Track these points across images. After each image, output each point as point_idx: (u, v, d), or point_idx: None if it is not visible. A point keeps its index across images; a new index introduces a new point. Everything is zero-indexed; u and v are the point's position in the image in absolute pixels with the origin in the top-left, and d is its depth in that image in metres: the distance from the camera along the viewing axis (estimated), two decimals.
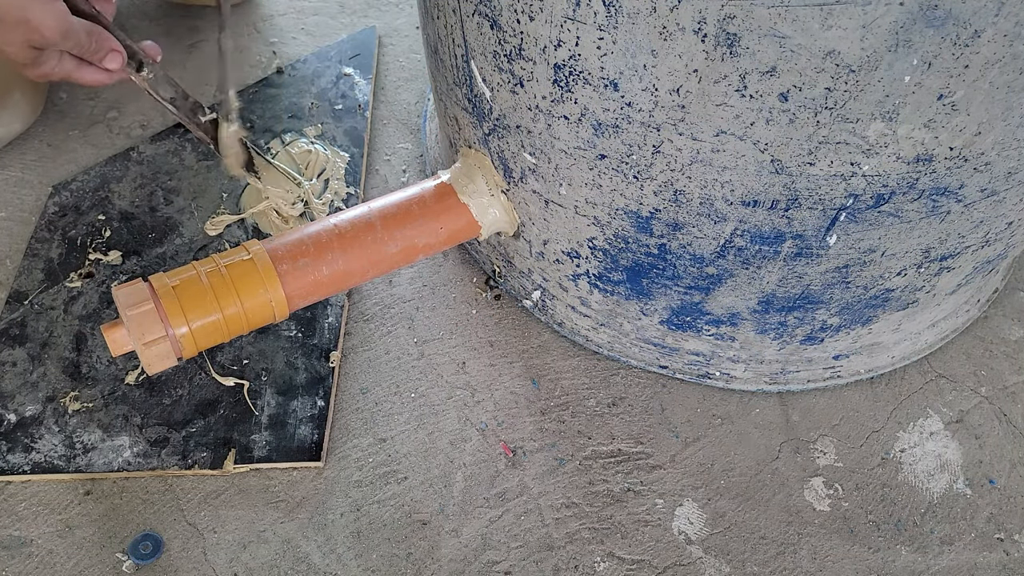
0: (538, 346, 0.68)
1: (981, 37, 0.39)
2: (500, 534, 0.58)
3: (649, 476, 0.62)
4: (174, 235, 0.73)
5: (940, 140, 0.44)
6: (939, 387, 0.67)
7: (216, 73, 0.63)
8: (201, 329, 0.53)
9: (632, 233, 0.55)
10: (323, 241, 0.57)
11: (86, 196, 0.75)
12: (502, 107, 0.54)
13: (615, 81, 0.46)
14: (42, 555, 0.56)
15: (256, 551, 0.57)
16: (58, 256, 0.71)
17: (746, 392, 0.66)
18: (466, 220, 0.61)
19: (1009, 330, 0.71)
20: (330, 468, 0.61)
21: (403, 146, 0.83)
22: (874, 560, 0.58)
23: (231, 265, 0.54)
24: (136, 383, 0.63)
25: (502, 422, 0.64)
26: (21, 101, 0.77)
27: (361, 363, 0.67)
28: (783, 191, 0.48)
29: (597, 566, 0.57)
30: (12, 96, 0.76)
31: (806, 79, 0.41)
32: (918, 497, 0.61)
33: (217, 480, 0.60)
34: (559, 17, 0.45)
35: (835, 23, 0.39)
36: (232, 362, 0.65)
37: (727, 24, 0.40)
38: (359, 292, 0.71)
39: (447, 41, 0.56)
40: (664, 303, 0.61)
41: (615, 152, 0.50)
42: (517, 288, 0.70)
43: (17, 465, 0.59)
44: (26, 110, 0.78)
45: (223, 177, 0.77)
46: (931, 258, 0.54)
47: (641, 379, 0.67)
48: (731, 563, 0.58)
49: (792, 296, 0.57)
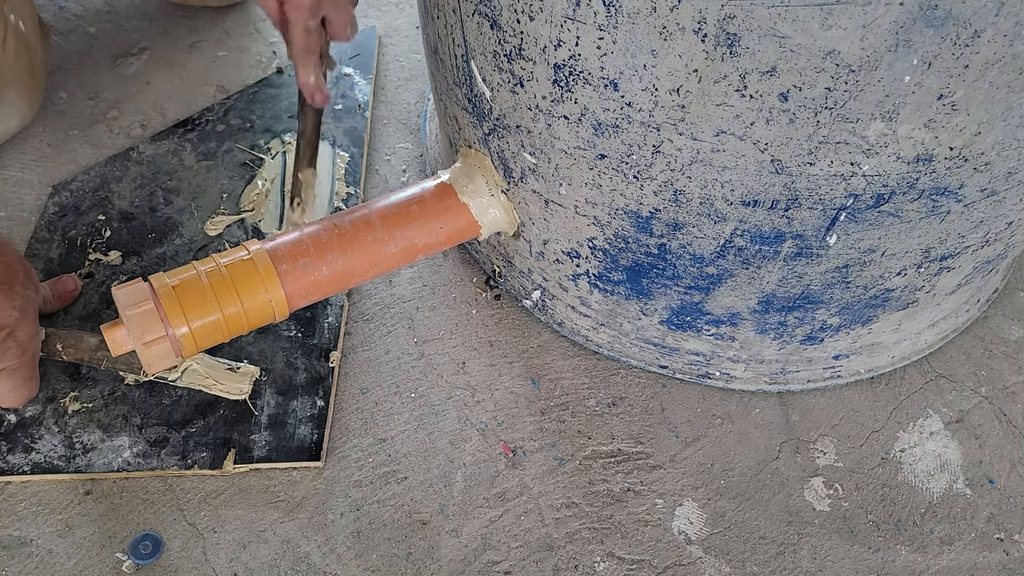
0: (538, 346, 0.68)
1: (981, 37, 0.39)
2: (500, 534, 0.58)
3: (649, 476, 0.62)
4: (174, 235, 0.73)
5: (940, 140, 0.44)
6: (939, 387, 0.67)
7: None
8: (201, 329, 0.53)
9: (632, 233, 0.55)
10: (323, 241, 0.57)
11: (86, 196, 0.75)
12: (502, 107, 0.54)
13: (615, 81, 0.46)
14: (42, 555, 0.56)
15: (256, 551, 0.57)
16: (58, 256, 0.71)
17: (746, 392, 0.66)
18: (466, 220, 0.61)
19: (1009, 330, 0.71)
20: (330, 468, 0.61)
21: (403, 146, 0.83)
22: (874, 560, 0.58)
23: (231, 265, 0.54)
24: (135, 383, 0.63)
25: (502, 422, 0.64)
26: (16, 99, 0.76)
27: (361, 363, 0.67)
28: (783, 191, 0.48)
29: (597, 566, 0.57)
30: (7, 93, 0.75)
31: (806, 79, 0.41)
32: (918, 497, 0.61)
33: (217, 480, 0.60)
34: (559, 17, 0.45)
35: (835, 23, 0.39)
36: (232, 361, 0.65)
37: (727, 24, 0.40)
38: (359, 292, 0.71)
39: (447, 41, 0.56)
40: (664, 303, 0.61)
41: (615, 152, 0.50)
42: (517, 288, 0.70)
43: (17, 465, 0.59)
44: (23, 108, 0.77)
45: (223, 177, 0.77)
46: (931, 258, 0.54)
47: (641, 379, 0.67)
48: (731, 563, 0.58)
49: (792, 296, 0.57)
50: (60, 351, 0.61)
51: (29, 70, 0.76)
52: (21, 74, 0.75)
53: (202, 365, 0.62)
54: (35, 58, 0.77)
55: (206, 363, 0.62)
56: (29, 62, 0.76)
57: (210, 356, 0.63)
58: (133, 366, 0.61)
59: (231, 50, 0.91)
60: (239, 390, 0.62)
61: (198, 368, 0.62)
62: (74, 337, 0.61)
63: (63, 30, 0.92)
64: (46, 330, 0.61)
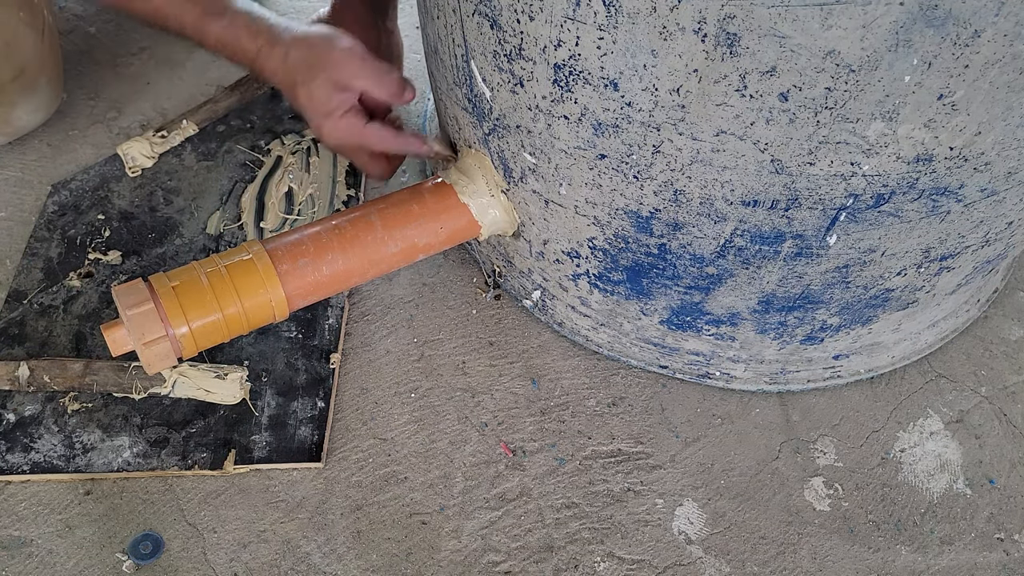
0: (538, 346, 0.68)
1: (981, 37, 0.39)
2: (500, 534, 0.58)
3: (649, 476, 0.62)
4: (174, 235, 0.73)
5: (940, 140, 0.44)
6: (939, 387, 0.67)
7: None
8: (201, 329, 0.53)
9: (632, 233, 0.55)
10: (323, 241, 0.57)
11: (86, 196, 0.75)
12: (502, 107, 0.54)
13: (615, 81, 0.46)
14: (42, 555, 0.56)
15: (256, 551, 0.57)
16: (58, 256, 0.71)
17: (746, 392, 0.66)
18: (466, 220, 0.61)
19: (1009, 330, 0.71)
20: (330, 468, 0.61)
21: None
22: (874, 560, 0.58)
23: (231, 265, 0.54)
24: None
25: (502, 422, 0.64)
26: (47, 89, 0.77)
27: (361, 363, 0.67)
28: (783, 191, 0.48)
29: (597, 566, 0.57)
30: (40, 83, 0.76)
31: (806, 79, 0.41)
32: (918, 497, 0.61)
33: (217, 480, 0.60)
34: (559, 17, 0.45)
35: (835, 23, 0.39)
36: (232, 363, 0.65)
37: (727, 24, 0.40)
38: (359, 292, 0.71)
39: (447, 41, 0.56)
40: (664, 303, 0.61)
41: (615, 152, 0.50)
42: (517, 288, 0.70)
43: (17, 465, 0.59)
44: (50, 101, 0.78)
45: (223, 177, 0.77)
46: (931, 258, 0.54)
47: (641, 379, 0.67)
48: (731, 563, 0.58)
49: (792, 296, 0.57)
50: (49, 382, 0.61)
51: (56, 64, 0.78)
52: (55, 66, 0.77)
53: (190, 376, 0.62)
54: (59, 54, 0.78)
55: (193, 373, 0.62)
56: (57, 56, 0.77)
57: (198, 364, 0.63)
58: (124, 386, 0.61)
59: None
60: (232, 396, 0.62)
61: (187, 380, 0.62)
62: (58, 367, 0.61)
63: (63, 30, 0.92)
64: (28, 364, 0.61)
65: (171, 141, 0.78)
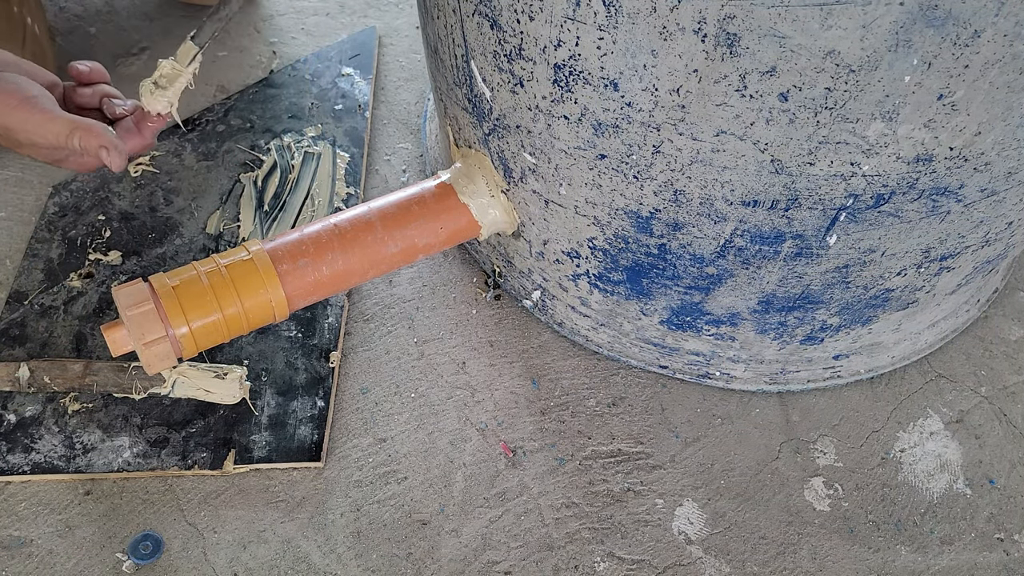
0: (538, 346, 0.68)
1: (981, 37, 0.39)
2: (500, 534, 0.58)
3: (649, 476, 0.62)
4: (174, 235, 0.73)
5: (940, 140, 0.44)
6: (939, 387, 0.67)
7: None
8: (201, 329, 0.53)
9: (632, 233, 0.55)
10: (323, 241, 0.57)
11: (86, 196, 0.75)
12: (502, 107, 0.54)
13: (615, 81, 0.46)
14: (42, 555, 0.56)
15: (256, 551, 0.57)
16: (58, 256, 0.71)
17: (746, 392, 0.66)
18: (466, 220, 0.61)
19: (1009, 330, 0.71)
20: (330, 468, 0.61)
21: (403, 146, 0.83)
22: (874, 560, 0.58)
23: (231, 265, 0.54)
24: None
25: (502, 422, 0.64)
26: None
27: (361, 363, 0.67)
28: (783, 191, 0.48)
29: (597, 566, 0.57)
30: None
31: (806, 79, 0.41)
32: (918, 497, 0.61)
33: (217, 480, 0.60)
34: (559, 17, 0.45)
35: (835, 23, 0.39)
36: (232, 363, 0.65)
37: (727, 24, 0.40)
38: (359, 292, 0.71)
39: (447, 41, 0.56)
40: (664, 303, 0.61)
41: (615, 152, 0.50)
42: (517, 288, 0.70)
43: (17, 465, 0.59)
44: None
45: (222, 177, 0.77)
46: (931, 258, 0.54)
47: (641, 379, 0.67)
48: (731, 563, 0.58)
49: (792, 296, 0.57)
50: (49, 383, 0.61)
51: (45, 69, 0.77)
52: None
53: (190, 376, 0.62)
54: (48, 62, 0.77)
55: (193, 373, 0.62)
56: (46, 61, 0.77)
57: (198, 364, 0.63)
58: (124, 386, 0.61)
59: (231, 50, 0.91)
60: (232, 396, 0.62)
61: (186, 380, 0.61)
62: (58, 367, 0.61)
63: (63, 30, 0.92)
64: (29, 365, 0.61)
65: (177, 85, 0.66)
